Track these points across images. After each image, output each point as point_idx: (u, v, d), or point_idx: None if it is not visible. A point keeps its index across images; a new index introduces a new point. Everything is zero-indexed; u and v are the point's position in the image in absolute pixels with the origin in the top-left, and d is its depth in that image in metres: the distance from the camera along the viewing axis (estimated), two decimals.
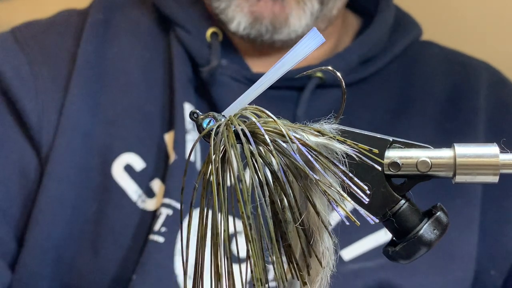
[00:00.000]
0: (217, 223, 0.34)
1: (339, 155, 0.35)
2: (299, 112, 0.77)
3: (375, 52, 0.84)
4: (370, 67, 0.83)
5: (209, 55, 0.78)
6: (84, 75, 0.79)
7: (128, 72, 0.81)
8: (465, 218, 0.77)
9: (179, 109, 0.76)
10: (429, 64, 0.87)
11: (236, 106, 0.36)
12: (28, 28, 0.85)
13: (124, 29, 0.84)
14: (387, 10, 0.86)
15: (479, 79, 0.86)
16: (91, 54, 0.81)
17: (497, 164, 0.36)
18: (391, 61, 0.85)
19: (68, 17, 0.86)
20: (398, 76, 0.85)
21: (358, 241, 0.75)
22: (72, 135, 0.77)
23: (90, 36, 0.81)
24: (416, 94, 0.84)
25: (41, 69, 0.80)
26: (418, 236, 0.36)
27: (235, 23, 0.77)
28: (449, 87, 0.85)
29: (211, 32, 0.81)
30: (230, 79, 0.78)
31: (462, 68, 0.88)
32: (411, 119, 0.82)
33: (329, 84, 0.80)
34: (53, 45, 0.83)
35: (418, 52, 0.88)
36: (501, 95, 0.86)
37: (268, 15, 0.77)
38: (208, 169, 0.34)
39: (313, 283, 0.36)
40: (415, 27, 0.89)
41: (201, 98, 0.79)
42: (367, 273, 0.73)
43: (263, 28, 0.77)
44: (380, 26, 0.85)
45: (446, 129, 0.82)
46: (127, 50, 0.82)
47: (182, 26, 0.81)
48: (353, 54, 0.82)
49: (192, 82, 0.79)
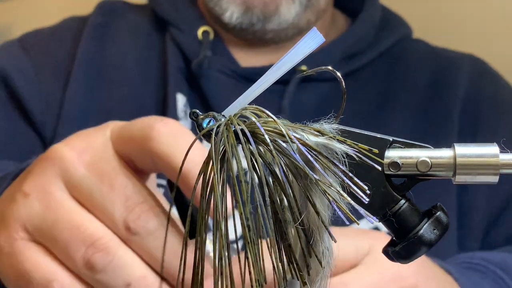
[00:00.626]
0: (217, 223, 0.34)
1: (339, 155, 0.35)
2: (284, 103, 0.80)
3: (360, 48, 0.87)
4: (355, 62, 0.87)
5: (199, 50, 0.83)
6: (83, 72, 0.85)
7: (125, 68, 0.86)
8: (443, 204, 0.78)
9: (172, 99, 0.81)
10: (413, 58, 0.91)
11: (236, 105, 0.36)
12: (33, 36, 0.93)
13: (123, 30, 0.90)
14: (372, 9, 0.91)
15: (460, 69, 0.89)
16: (90, 51, 0.87)
17: (497, 164, 0.36)
18: (377, 57, 0.88)
19: (71, 23, 0.95)
20: (383, 71, 0.89)
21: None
22: (71, 126, 0.80)
23: (89, 37, 0.88)
24: (400, 87, 0.88)
25: (44, 71, 0.87)
26: (418, 236, 0.36)
27: (228, 13, 0.83)
28: (430, 79, 0.89)
29: (202, 31, 0.86)
30: (218, 73, 0.83)
31: (445, 61, 0.91)
32: (395, 110, 0.85)
33: (314, 78, 0.83)
34: (55, 48, 0.90)
35: (404, 49, 0.91)
36: (480, 84, 0.88)
37: (259, 4, 0.82)
38: (208, 169, 0.34)
39: (313, 283, 0.36)
40: (403, 26, 0.93)
41: (193, 90, 0.85)
42: None
43: (254, 17, 0.82)
44: (364, 23, 0.89)
45: (426, 118, 0.85)
46: (125, 48, 0.88)
47: (176, 25, 0.87)
48: (336, 49, 0.86)
49: (185, 74, 0.85)
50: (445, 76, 0.88)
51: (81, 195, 0.48)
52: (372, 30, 0.89)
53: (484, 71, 0.91)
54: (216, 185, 0.33)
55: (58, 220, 0.48)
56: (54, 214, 0.48)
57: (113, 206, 0.47)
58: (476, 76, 0.89)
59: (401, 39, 0.91)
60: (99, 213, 0.48)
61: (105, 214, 0.47)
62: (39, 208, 0.49)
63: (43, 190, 0.49)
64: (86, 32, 0.88)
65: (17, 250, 0.49)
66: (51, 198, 0.48)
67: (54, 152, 0.50)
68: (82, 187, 0.48)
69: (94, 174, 0.48)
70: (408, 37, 0.93)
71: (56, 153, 0.50)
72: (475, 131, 0.84)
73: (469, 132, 0.84)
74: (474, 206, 0.82)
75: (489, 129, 0.84)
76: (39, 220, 0.48)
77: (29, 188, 0.50)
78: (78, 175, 0.48)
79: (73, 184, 0.49)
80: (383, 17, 0.92)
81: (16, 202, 0.50)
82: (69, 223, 0.47)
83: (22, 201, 0.49)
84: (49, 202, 0.48)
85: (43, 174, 0.50)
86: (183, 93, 0.82)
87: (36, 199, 0.49)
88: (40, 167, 0.50)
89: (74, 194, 0.49)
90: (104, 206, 0.47)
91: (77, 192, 0.49)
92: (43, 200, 0.49)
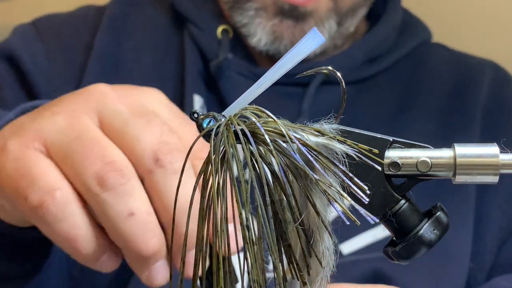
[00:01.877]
0: (217, 223, 0.34)
1: (339, 155, 0.35)
2: (304, 107, 0.79)
3: (381, 51, 0.86)
4: (376, 66, 0.85)
5: (218, 50, 0.81)
6: (99, 66, 0.84)
7: (142, 64, 0.85)
8: (462, 216, 0.78)
9: (189, 100, 0.80)
10: (434, 64, 0.89)
11: (236, 105, 0.36)
12: (48, 20, 0.90)
13: (141, 24, 0.88)
14: (393, 12, 0.89)
15: (482, 76, 0.87)
16: (106, 46, 0.85)
17: (497, 164, 0.36)
18: (397, 61, 0.87)
19: (87, 11, 0.92)
20: (404, 75, 0.87)
21: (357, 236, 0.76)
22: None
23: (107, 28, 0.86)
24: (420, 91, 0.86)
25: (57, 57, 0.85)
26: (418, 236, 0.36)
27: (256, 39, 0.80)
28: (452, 84, 0.87)
29: (221, 29, 0.84)
30: (237, 74, 0.81)
31: (467, 67, 0.89)
32: (415, 114, 0.83)
33: (334, 80, 0.82)
34: (70, 36, 0.88)
35: (425, 53, 0.90)
36: (502, 93, 0.87)
37: (288, 36, 0.79)
38: (208, 169, 0.34)
39: (313, 283, 0.36)
40: (423, 30, 0.91)
41: (211, 91, 0.82)
42: (364, 263, 0.74)
43: (282, 47, 0.80)
44: (385, 26, 0.87)
45: (447, 123, 0.84)
46: (143, 43, 0.86)
47: (195, 23, 0.84)
48: (358, 52, 0.84)
49: (203, 75, 0.82)
50: (466, 83, 0.87)
51: (113, 128, 0.48)
52: (393, 34, 0.87)
53: (505, 79, 0.90)
54: (214, 185, 0.33)
55: (79, 138, 0.47)
56: (77, 132, 0.47)
57: (146, 137, 0.47)
58: (497, 84, 0.88)
59: (422, 43, 0.90)
60: (127, 143, 0.47)
61: (135, 143, 0.47)
62: (63, 125, 0.48)
63: (73, 113, 0.48)
64: (104, 24, 0.86)
65: (27, 156, 0.48)
66: (78, 121, 0.48)
67: (95, 87, 0.50)
68: (117, 120, 0.48)
69: (133, 111, 0.48)
70: (428, 41, 0.92)
71: (97, 88, 0.50)
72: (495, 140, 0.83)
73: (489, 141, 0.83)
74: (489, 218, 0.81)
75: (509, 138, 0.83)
76: (60, 136, 0.47)
77: (60, 109, 0.49)
78: (115, 108, 0.48)
79: (107, 115, 0.48)
80: (404, 21, 0.90)
81: (41, 116, 0.49)
82: (90, 141, 0.47)
83: (49, 117, 0.49)
84: (75, 123, 0.48)
85: (78, 102, 0.49)
86: (201, 95, 0.81)
87: (63, 118, 0.48)
88: (77, 96, 0.50)
89: (105, 127, 0.48)
90: (136, 136, 0.47)
91: (110, 125, 0.48)
92: (71, 120, 0.48)
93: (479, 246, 0.79)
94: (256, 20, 0.80)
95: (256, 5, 0.80)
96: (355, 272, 0.74)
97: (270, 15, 0.79)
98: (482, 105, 0.84)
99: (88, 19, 0.89)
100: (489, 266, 0.79)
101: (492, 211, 0.80)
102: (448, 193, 0.77)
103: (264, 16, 0.79)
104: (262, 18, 0.80)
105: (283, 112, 0.36)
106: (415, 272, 0.75)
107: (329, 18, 0.80)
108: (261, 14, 0.80)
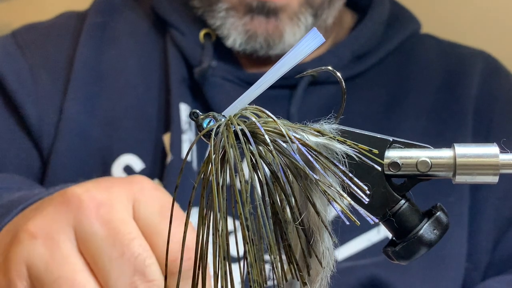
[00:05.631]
0: (216, 223, 0.34)
1: (339, 155, 0.35)
2: (292, 110, 0.78)
3: (369, 47, 0.84)
4: (364, 62, 0.84)
5: (201, 56, 0.79)
6: (82, 78, 0.80)
7: (126, 73, 0.82)
8: (457, 215, 0.77)
9: (175, 110, 0.77)
10: (424, 56, 0.88)
11: (236, 106, 0.36)
12: (29, 32, 0.87)
13: (122, 31, 0.85)
14: (380, 5, 0.87)
15: (473, 67, 0.86)
16: (89, 56, 0.82)
17: (497, 164, 0.36)
18: (386, 56, 0.85)
19: (68, 19, 0.88)
20: (393, 69, 0.85)
21: (351, 241, 0.75)
22: (71, 137, 0.77)
23: (88, 39, 0.83)
24: (410, 86, 0.85)
25: (40, 73, 0.82)
26: (418, 236, 0.36)
27: (231, 40, 0.79)
28: (443, 77, 0.86)
29: (204, 33, 0.82)
30: (222, 80, 0.79)
31: (457, 58, 0.88)
32: (406, 110, 0.82)
33: (321, 81, 0.80)
34: (52, 49, 0.85)
35: (415, 46, 0.88)
36: (493, 84, 0.86)
37: (262, 33, 0.78)
38: (208, 169, 0.34)
39: (313, 283, 0.36)
40: (412, 21, 0.89)
41: (196, 98, 0.80)
42: (360, 270, 0.73)
43: (258, 45, 0.79)
44: (372, 21, 0.85)
45: (439, 119, 0.82)
46: (125, 52, 0.83)
47: (177, 27, 0.82)
48: (345, 50, 0.83)
49: (187, 82, 0.80)
50: (457, 75, 0.85)
51: (88, 252, 0.47)
52: (380, 28, 0.85)
53: (496, 69, 0.88)
54: (214, 185, 0.33)
55: (60, 278, 0.46)
56: (57, 270, 0.46)
57: (117, 276, 0.45)
58: (489, 75, 0.86)
59: (411, 35, 0.89)
60: (101, 277, 0.46)
61: (107, 281, 0.46)
62: (44, 255, 0.47)
63: (51, 237, 0.47)
64: (84, 34, 0.83)
65: None
66: (58, 250, 0.46)
67: (71, 196, 0.48)
68: (92, 244, 0.46)
69: (107, 234, 0.46)
70: (417, 32, 0.91)
71: (74, 198, 0.48)
72: (487, 132, 0.82)
73: (482, 133, 0.82)
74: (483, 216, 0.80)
75: (502, 130, 0.82)
76: (42, 269, 0.46)
77: (38, 229, 0.47)
78: (91, 230, 0.46)
79: (83, 238, 0.47)
80: (392, 13, 0.88)
81: (21, 242, 0.48)
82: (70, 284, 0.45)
83: (27, 243, 0.47)
84: (55, 253, 0.46)
85: (55, 219, 0.48)
86: (187, 103, 0.79)
87: (43, 245, 0.47)
88: (54, 210, 0.48)
89: (82, 248, 0.47)
90: (108, 273, 0.46)
91: (86, 247, 0.47)
92: (50, 249, 0.47)
93: (474, 245, 0.78)
94: (228, 21, 0.79)
95: (226, 5, 0.79)
96: (352, 279, 0.73)
97: (240, 14, 0.78)
98: (473, 98, 0.83)
99: (69, 29, 0.86)
100: (485, 265, 0.79)
101: (486, 209, 0.79)
102: (443, 193, 0.77)
103: (236, 16, 0.79)
104: (234, 18, 0.79)
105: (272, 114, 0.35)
106: (412, 277, 0.75)
107: (303, 11, 0.79)
108: (232, 14, 0.79)
